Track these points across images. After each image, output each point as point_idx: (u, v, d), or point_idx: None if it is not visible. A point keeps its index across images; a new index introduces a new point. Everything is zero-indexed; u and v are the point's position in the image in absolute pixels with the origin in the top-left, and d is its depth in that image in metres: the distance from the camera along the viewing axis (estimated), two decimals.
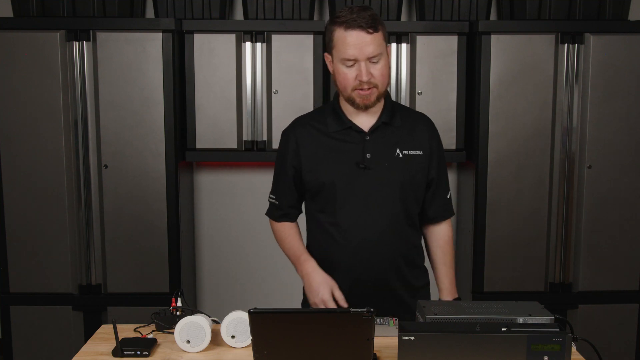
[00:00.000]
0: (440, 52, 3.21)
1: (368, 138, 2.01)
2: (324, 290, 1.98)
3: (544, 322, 1.71)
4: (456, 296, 2.17)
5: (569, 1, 3.21)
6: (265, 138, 3.25)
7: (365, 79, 1.90)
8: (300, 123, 2.11)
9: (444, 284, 2.17)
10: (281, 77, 3.21)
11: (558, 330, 1.59)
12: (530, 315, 1.74)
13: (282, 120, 3.21)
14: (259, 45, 3.20)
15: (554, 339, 1.57)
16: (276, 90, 3.22)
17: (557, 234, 3.23)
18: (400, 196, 2.03)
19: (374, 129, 2.02)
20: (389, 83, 2.00)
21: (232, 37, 3.18)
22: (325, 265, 2.06)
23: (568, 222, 3.23)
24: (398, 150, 2.02)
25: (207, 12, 3.25)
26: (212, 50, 3.18)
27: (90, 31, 3.06)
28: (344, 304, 1.96)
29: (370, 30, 1.88)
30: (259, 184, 3.64)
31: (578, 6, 3.22)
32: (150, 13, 3.50)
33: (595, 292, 3.25)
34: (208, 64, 3.19)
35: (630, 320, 3.28)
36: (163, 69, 3.08)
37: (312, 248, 2.15)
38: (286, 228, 2.18)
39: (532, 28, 3.12)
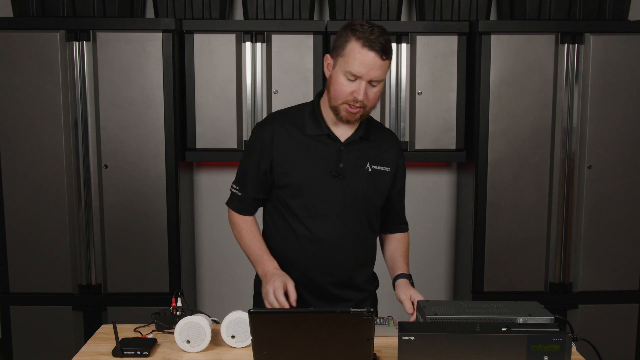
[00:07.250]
0: (440, 52, 3.21)
1: (343, 148, 2.04)
2: (278, 281, 1.95)
3: (544, 322, 1.71)
4: (408, 272, 2.14)
5: (569, 1, 3.21)
6: None
7: (361, 98, 1.93)
8: (278, 120, 2.10)
9: (399, 261, 2.16)
10: (281, 77, 3.21)
11: (558, 330, 1.59)
12: (530, 315, 1.74)
13: None
14: (259, 45, 3.20)
15: (554, 339, 1.57)
16: (276, 90, 3.21)
17: (557, 234, 3.23)
18: (365, 207, 2.08)
19: (349, 141, 2.05)
20: (375, 106, 2.03)
21: (232, 37, 3.18)
22: (280, 257, 2.09)
23: (568, 222, 3.23)
24: (368, 165, 2.07)
25: (207, 12, 3.25)
26: (212, 50, 3.18)
27: (90, 31, 3.06)
28: (293, 302, 1.94)
29: (384, 57, 1.91)
30: None
31: (578, 6, 3.22)
32: (150, 13, 3.50)
33: (595, 292, 3.25)
34: (208, 64, 3.19)
35: (630, 320, 3.28)
36: (163, 69, 3.08)
37: (269, 235, 2.15)
38: (248, 224, 2.14)
39: (532, 28, 3.12)
